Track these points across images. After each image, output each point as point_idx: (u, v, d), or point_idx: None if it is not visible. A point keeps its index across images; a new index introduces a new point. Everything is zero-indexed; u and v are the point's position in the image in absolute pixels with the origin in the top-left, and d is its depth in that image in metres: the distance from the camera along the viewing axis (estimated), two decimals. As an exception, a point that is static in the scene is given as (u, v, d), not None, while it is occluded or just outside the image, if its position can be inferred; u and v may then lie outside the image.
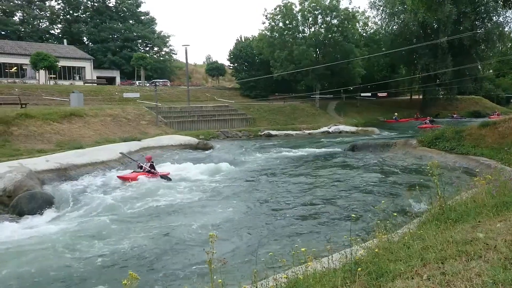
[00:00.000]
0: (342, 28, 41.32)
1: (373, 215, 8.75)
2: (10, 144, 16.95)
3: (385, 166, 16.43)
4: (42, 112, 21.10)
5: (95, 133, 21.73)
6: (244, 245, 7.63)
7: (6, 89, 30.25)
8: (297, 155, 20.92)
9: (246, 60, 50.75)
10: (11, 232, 8.87)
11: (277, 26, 42.42)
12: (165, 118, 29.29)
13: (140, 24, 62.41)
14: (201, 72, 66.88)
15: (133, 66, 47.10)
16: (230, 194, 12.35)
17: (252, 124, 34.43)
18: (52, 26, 62.27)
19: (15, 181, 11.68)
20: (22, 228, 9.31)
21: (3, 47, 44.52)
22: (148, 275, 6.41)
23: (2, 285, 6.23)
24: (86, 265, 6.93)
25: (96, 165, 15.71)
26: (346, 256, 4.52)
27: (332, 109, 44.43)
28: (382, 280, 3.42)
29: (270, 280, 4.18)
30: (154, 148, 20.62)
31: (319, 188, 12.82)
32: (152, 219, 9.60)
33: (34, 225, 9.51)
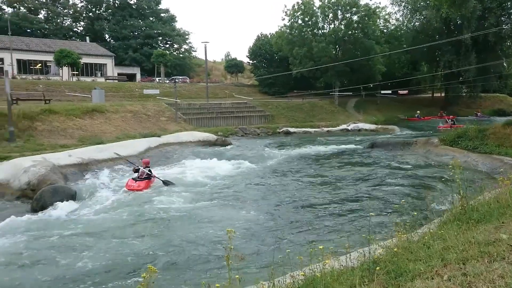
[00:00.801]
0: (363, 25, 40.79)
1: (392, 213, 8.64)
2: (35, 139, 17.39)
3: (405, 164, 16.17)
4: (65, 108, 21.57)
5: (115, 129, 22.08)
6: (261, 242, 7.64)
7: (31, 85, 31.03)
8: (316, 152, 20.80)
9: (265, 57, 50.71)
10: (31, 224, 9.11)
11: (296, 23, 42.20)
12: (184, 115, 29.54)
13: (160, 22, 63.07)
14: (220, 69, 67.18)
15: (153, 63, 47.66)
16: (248, 191, 12.37)
17: (270, 121, 34.39)
18: (75, 23, 63.60)
19: (39, 175, 11.99)
20: (43, 220, 9.54)
21: (28, 44, 45.70)
22: (166, 270, 6.47)
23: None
24: (100, 260, 7.03)
25: (117, 160, 15.96)
26: (364, 255, 4.48)
27: (351, 107, 43.96)
28: (401, 279, 3.38)
29: (287, 277, 4.18)
30: (173, 144, 20.82)
31: (337, 185, 12.73)
32: (170, 215, 9.68)
33: (55, 218, 9.73)
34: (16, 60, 42.09)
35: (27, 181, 11.84)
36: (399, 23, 50.14)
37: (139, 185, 12.49)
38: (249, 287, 4.17)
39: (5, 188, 11.98)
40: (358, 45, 41.36)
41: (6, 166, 12.83)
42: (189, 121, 28.93)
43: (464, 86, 46.03)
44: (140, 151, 17.66)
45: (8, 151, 14.88)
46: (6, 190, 11.89)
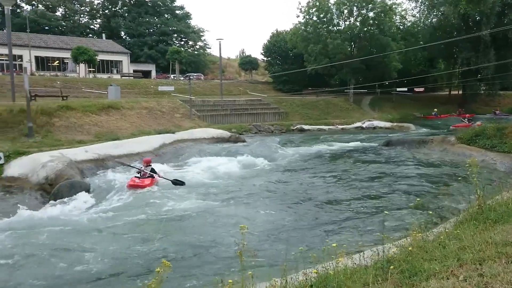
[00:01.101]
0: (378, 21, 40.30)
1: (407, 212, 8.55)
2: (52, 135, 17.69)
3: (421, 162, 15.96)
4: (82, 104, 21.87)
5: (131, 125, 22.31)
6: (274, 240, 7.65)
7: (49, 82, 31.54)
8: (330, 150, 20.70)
9: (280, 54, 50.53)
10: (48, 218, 9.30)
11: (311, 19, 41.91)
12: (198, 112, 29.68)
13: (176, 19, 63.42)
14: (234, 66, 67.24)
15: (168, 60, 47.95)
16: (261, 189, 12.38)
17: (284, 118, 34.30)
18: (92, 21, 64.41)
19: (56, 170, 12.23)
20: (59, 215, 9.72)
21: (46, 41, 46.49)
22: (179, 266, 6.51)
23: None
24: (112, 255, 7.12)
25: (132, 156, 16.15)
26: (378, 253, 4.45)
27: (366, 104, 43.54)
28: (416, 279, 3.35)
29: (300, 274, 4.18)
30: (187, 141, 20.96)
31: (351, 183, 12.65)
32: (182, 213, 9.72)
33: (71, 213, 9.91)
34: (35, 57, 42.85)
35: (45, 175, 12.08)
36: (416, 19, 49.38)
37: (142, 181, 11.94)
38: (261, 284, 4.18)
39: (24, 182, 12.25)
40: (373, 42, 40.89)
41: (25, 161, 13.12)
42: (203, 118, 29.06)
43: (482, 83, 45.08)
44: (155, 147, 17.85)
45: (27, 146, 15.17)
46: (25, 184, 12.15)
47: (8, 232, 8.26)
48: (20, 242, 7.70)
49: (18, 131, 16.90)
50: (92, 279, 6.06)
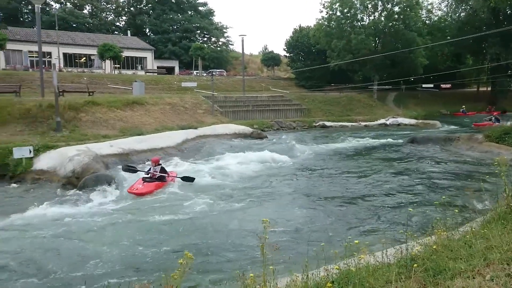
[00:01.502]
0: (404, 16, 39.48)
1: (432, 210, 8.38)
2: (79, 129, 18.18)
3: (447, 160, 15.59)
4: (107, 100, 22.36)
5: (154, 121, 22.67)
6: (295, 235, 7.64)
7: (76, 78, 32.36)
8: (353, 146, 20.47)
9: (303, 50, 50.23)
10: (75, 210, 9.57)
11: (335, 15, 41.44)
12: (220, 107, 29.85)
13: (199, 15, 63.88)
14: (256, 62, 67.23)
15: (191, 56, 48.36)
16: (282, 184, 12.37)
17: (306, 115, 34.11)
18: (118, 18, 65.62)
19: (82, 164, 12.56)
20: (85, 207, 9.99)
21: (74, 38, 47.64)
22: (200, 261, 6.59)
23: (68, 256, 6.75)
24: (133, 249, 7.24)
25: (155, 151, 16.40)
26: (401, 251, 4.39)
27: (390, 101, 42.80)
28: (440, 277, 3.29)
29: (321, 270, 4.16)
30: (209, 136, 21.14)
31: (375, 180, 12.48)
32: (203, 208, 9.80)
33: (95, 205, 10.15)
34: (63, 54, 43.98)
35: (72, 169, 12.43)
36: (443, 14, 48.11)
37: (144, 187, 10.97)
38: (283, 279, 4.19)
39: (52, 175, 12.65)
40: (399, 37, 40.10)
41: (53, 154, 13.54)
42: (225, 114, 29.22)
43: (513, 79, 43.64)
44: (177, 143, 18.07)
45: (55, 140, 15.64)
46: (54, 177, 12.55)
47: (36, 223, 8.54)
48: (46, 234, 7.95)
49: (47, 125, 17.45)
50: (110, 272, 6.17)
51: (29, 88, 26.89)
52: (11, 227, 8.32)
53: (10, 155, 13.04)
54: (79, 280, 5.87)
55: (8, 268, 6.42)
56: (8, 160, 13.02)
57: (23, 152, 13.05)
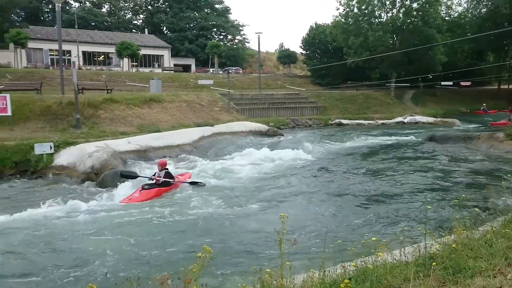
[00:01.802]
0: (423, 12, 38.77)
1: (451, 209, 8.25)
2: (98, 126, 18.48)
3: (467, 159, 15.32)
4: (125, 97, 22.66)
5: (171, 118, 22.87)
6: (312, 232, 7.63)
7: (94, 75, 32.87)
8: (370, 144, 20.28)
9: (319, 47, 49.88)
10: (93, 206, 9.75)
11: (352, 12, 41.02)
12: (236, 105, 29.92)
13: (215, 13, 64.09)
14: (272, 59, 67.07)
15: (207, 54, 48.58)
16: (299, 181, 12.36)
17: (322, 112, 33.91)
18: (135, 16, 66.35)
19: (101, 160, 12.79)
20: (103, 203, 10.16)
21: (92, 37, 48.40)
22: (217, 255, 6.63)
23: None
24: (149, 245, 7.34)
25: (172, 148, 16.57)
26: (419, 250, 4.34)
27: (408, 99, 42.17)
28: (460, 276, 3.25)
29: (338, 267, 4.16)
30: (225, 134, 21.22)
31: (393, 178, 12.36)
32: (220, 205, 9.85)
33: (114, 200, 10.33)
34: (82, 52, 44.71)
35: (91, 165, 12.67)
36: (463, 10, 47.12)
37: (141, 195, 10.20)
38: (299, 275, 4.19)
39: (72, 171, 12.92)
40: (417, 34, 39.41)
41: (73, 150, 13.82)
42: (241, 111, 29.27)
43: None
44: (194, 140, 18.20)
45: (75, 137, 15.94)
46: (73, 173, 12.82)
47: (56, 217, 8.74)
48: (65, 228, 8.13)
49: (67, 122, 17.79)
50: (125, 267, 6.26)
51: (49, 85, 27.44)
52: (28, 221, 8.50)
53: (31, 151, 13.37)
54: (95, 275, 5.99)
55: (26, 261, 6.60)
56: (30, 156, 13.36)
57: (44, 148, 13.36)
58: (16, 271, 6.23)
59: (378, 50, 37.46)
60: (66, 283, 5.81)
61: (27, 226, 8.15)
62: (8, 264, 6.47)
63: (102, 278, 5.75)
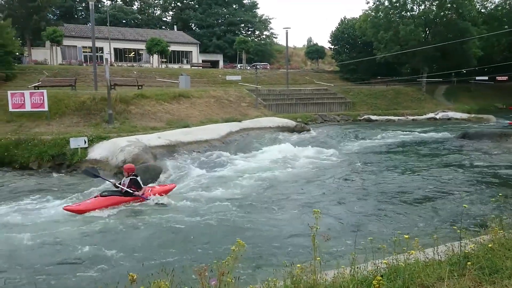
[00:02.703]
0: (457, 4, 37.48)
1: (487, 207, 8.01)
2: (129, 121, 18.95)
3: (502, 157, 14.79)
4: (155, 93, 23.11)
5: (200, 113, 23.16)
6: (344, 228, 7.60)
7: (126, 72, 33.68)
8: (401, 141, 19.88)
9: (348, 42, 49.19)
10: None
11: (382, 5, 40.15)
12: (264, 101, 29.96)
13: (243, 9, 64.20)
14: (300, 55, 66.64)
15: (235, 50, 48.79)
16: (329, 178, 12.28)
17: (351, 108, 33.48)
18: (165, 13, 67.36)
19: (133, 154, 13.12)
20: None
21: (124, 34, 49.53)
22: (249, 250, 6.70)
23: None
24: (182, 237, 7.50)
25: (201, 143, 16.79)
26: (453, 249, 4.25)
27: (440, 94, 40.99)
28: (497, 276, 3.17)
29: (369, 264, 4.13)
30: (253, 129, 21.29)
31: (425, 176, 12.09)
32: (252, 200, 9.95)
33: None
34: (113, 49, 45.87)
35: (123, 159, 13.01)
36: (501, 1, 45.19)
37: (91, 203, 9.03)
38: (330, 271, 4.19)
39: (105, 164, 13.32)
40: (451, 27, 38.18)
41: (106, 144, 14.25)
42: (268, 107, 29.30)
43: None
44: (222, 135, 18.37)
45: (108, 131, 16.43)
46: (106, 166, 13.22)
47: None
48: (95, 221, 8.42)
49: (100, 117, 18.34)
50: (156, 258, 6.43)
51: (83, 82, 28.35)
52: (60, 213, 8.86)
53: (67, 145, 13.89)
54: (131, 266, 6.18)
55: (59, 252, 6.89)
56: (66, 150, 13.88)
57: (79, 142, 13.84)
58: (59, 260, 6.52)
59: (409, 45, 36.53)
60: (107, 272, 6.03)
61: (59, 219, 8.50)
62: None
63: (138, 269, 5.93)
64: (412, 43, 36.63)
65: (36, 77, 26.84)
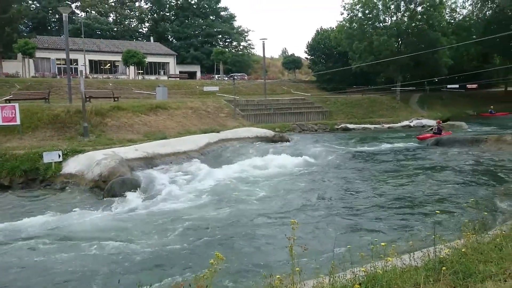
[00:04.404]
0: (428, 16, 38.74)
1: (460, 213, 8.21)
2: (105, 134, 18.62)
3: (475, 162, 15.23)
4: (132, 105, 22.82)
5: (177, 125, 22.98)
6: (322, 237, 7.63)
7: (101, 84, 33.17)
8: (376, 149, 20.23)
9: (324, 52, 49.99)
10: (102, 213, 9.83)
11: (356, 16, 41.09)
12: (242, 111, 30.01)
13: (220, 20, 64.51)
14: (277, 65, 67.26)
15: (213, 61, 48.84)
16: (306, 187, 12.36)
17: (328, 117, 33.91)
18: (141, 25, 66.96)
19: (109, 168, 12.87)
20: (112, 210, 10.24)
21: (99, 45, 48.88)
22: (227, 261, 6.67)
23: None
24: (157, 250, 7.40)
25: (179, 155, 16.63)
26: (428, 254, 4.34)
27: (414, 102, 42.06)
28: (470, 280, 3.25)
29: (347, 273, 4.16)
30: (231, 140, 21.25)
31: (400, 183, 12.31)
32: (229, 211, 9.90)
33: (122, 208, 10.40)
34: (89, 60, 45.16)
35: (99, 172, 12.75)
36: (468, 12, 47.02)
37: None
38: (309, 281, 4.20)
39: (80, 179, 13.02)
40: (422, 37, 39.35)
41: (82, 158, 13.94)
42: (247, 117, 29.35)
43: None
44: (200, 146, 18.25)
45: (83, 145, 16.08)
46: (81, 180, 12.91)
47: (63, 226, 8.81)
48: (73, 236, 8.20)
49: (75, 130, 17.94)
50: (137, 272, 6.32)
51: (57, 94, 27.75)
52: (32, 231, 8.58)
53: (40, 159, 13.51)
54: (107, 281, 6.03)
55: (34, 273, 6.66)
56: (39, 164, 13.50)
57: (53, 156, 13.49)
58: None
59: (383, 54, 37.44)
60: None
61: (28, 235, 8.23)
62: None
63: (115, 286, 5.80)
64: (386, 53, 37.55)
65: (7, 90, 26.13)
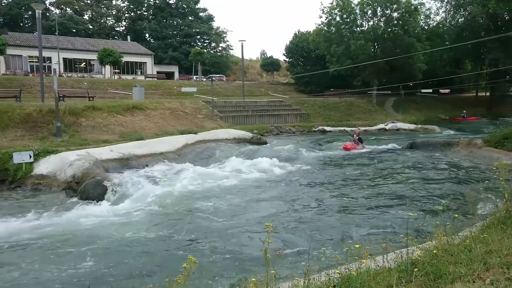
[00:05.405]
0: (403, 21, 39.73)
1: (432, 215, 8.40)
2: (79, 134, 18.20)
3: (447, 165, 15.63)
4: (107, 105, 22.40)
5: (154, 126, 22.69)
6: (297, 240, 7.65)
7: (76, 83, 32.44)
8: (352, 152, 20.48)
9: (302, 55, 50.45)
10: (75, 216, 9.60)
11: (334, 20, 41.68)
12: (220, 112, 29.91)
13: (199, 21, 64.21)
14: (256, 67, 67.51)
15: (191, 62, 48.55)
16: (282, 190, 12.40)
17: (306, 119, 34.19)
18: (118, 23, 65.92)
19: (83, 169, 12.57)
20: (85, 212, 10.01)
21: (74, 43, 47.82)
22: (203, 265, 6.60)
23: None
24: (133, 253, 7.29)
25: (155, 156, 16.42)
26: (401, 256, 4.41)
27: (389, 106, 42.96)
28: (441, 281, 3.32)
29: (322, 275, 4.18)
30: (209, 141, 21.13)
31: (374, 186, 12.50)
32: (206, 214, 9.82)
33: (96, 210, 10.19)
34: (63, 59, 44.11)
35: (72, 174, 12.44)
36: (442, 19, 48.42)
37: None
38: (284, 284, 4.21)
39: (52, 180, 12.67)
40: (397, 42, 40.30)
41: (53, 159, 13.56)
42: (225, 119, 29.27)
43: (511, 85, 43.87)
44: (177, 148, 18.08)
45: (56, 145, 15.66)
46: (54, 182, 12.57)
47: (35, 230, 8.55)
48: (47, 240, 7.96)
49: (47, 130, 17.47)
50: (113, 277, 6.20)
51: (29, 93, 26.95)
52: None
53: (10, 160, 13.07)
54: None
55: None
56: (8, 165, 13.05)
57: (23, 157, 13.08)
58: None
59: (360, 58, 38.11)
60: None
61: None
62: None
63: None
64: (363, 57, 38.22)
65: (-24, 87, 25.20)
